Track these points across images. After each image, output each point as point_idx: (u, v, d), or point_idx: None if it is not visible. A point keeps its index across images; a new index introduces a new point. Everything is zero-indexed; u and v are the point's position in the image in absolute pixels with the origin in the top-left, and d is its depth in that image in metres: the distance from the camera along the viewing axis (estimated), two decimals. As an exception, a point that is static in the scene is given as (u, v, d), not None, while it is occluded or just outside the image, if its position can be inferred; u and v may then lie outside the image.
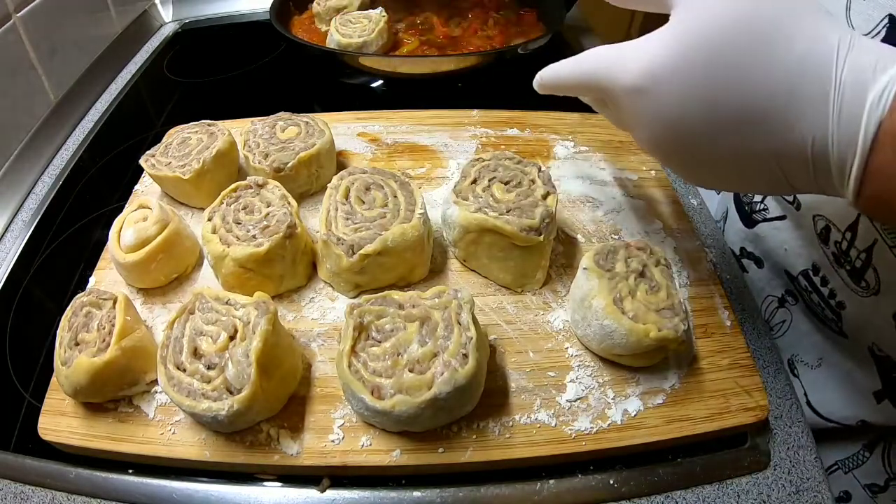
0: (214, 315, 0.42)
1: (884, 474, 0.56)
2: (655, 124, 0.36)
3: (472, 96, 0.76)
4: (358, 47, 0.78)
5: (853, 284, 0.50)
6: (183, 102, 0.86)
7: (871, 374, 0.52)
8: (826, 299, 0.54)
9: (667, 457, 0.44)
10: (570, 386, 0.44)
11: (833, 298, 0.53)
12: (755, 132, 0.32)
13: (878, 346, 0.51)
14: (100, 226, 0.63)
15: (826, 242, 0.52)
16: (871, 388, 0.53)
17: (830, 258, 0.52)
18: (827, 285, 0.54)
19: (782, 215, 0.58)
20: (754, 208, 0.62)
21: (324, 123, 0.59)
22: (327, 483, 0.42)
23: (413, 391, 0.38)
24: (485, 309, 0.49)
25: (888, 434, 0.56)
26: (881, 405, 0.52)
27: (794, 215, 0.56)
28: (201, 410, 0.37)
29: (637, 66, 0.35)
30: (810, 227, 0.53)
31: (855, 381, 0.54)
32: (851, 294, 0.51)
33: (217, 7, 1.08)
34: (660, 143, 0.37)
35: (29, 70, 0.75)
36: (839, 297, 0.53)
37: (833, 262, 0.52)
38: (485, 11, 0.90)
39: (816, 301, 0.56)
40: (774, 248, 0.60)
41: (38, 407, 0.44)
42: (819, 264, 0.54)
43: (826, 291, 0.54)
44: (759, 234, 0.62)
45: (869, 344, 0.51)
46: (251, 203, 0.50)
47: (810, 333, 0.58)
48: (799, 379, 0.59)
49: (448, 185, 0.60)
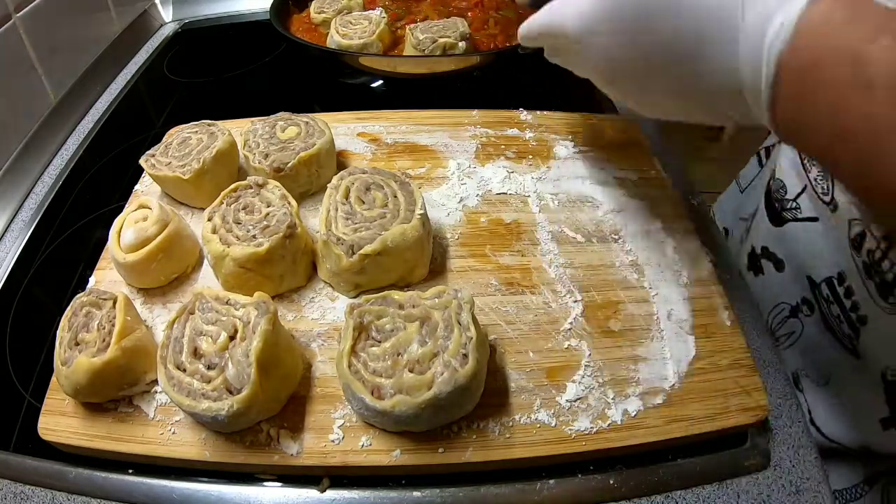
0: (214, 315, 0.42)
1: None
2: (597, 65, 0.41)
3: (472, 96, 0.75)
4: (358, 49, 0.78)
5: (880, 299, 0.49)
6: (183, 102, 0.86)
7: (879, 400, 0.51)
8: (847, 312, 0.53)
9: (667, 457, 0.44)
10: (569, 386, 0.44)
11: (855, 311, 0.52)
12: (681, 69, 0.35)
13: (892, 371, 0.50)
14: (100, 226, 0.63)
15: (858, 250, 0.50)
16: (879, 414, 0.51)
17: (860, 267, 0.50)
18: (851, 297, 0.52)
19: (815, 217, 0.56)
20: (785, 206, 0.60)
21: (324, 123, 0.59)
22: (327, 483, 0.42)
23: (413, 391, 0.38)
24: (485, 309, 0.49)
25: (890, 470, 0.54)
26: (887, 433, 0.51)
27: (827, 217, 0.54)
28: (201, 410, 0.37)
29: (574, 15, 0.40)
30: (844, 231, 0.52)
31: (862, 405, 0.53)
32: (876, 309, 0.50)
33: (217, 7, 1.08)
34: (605, 82, 0.42)
35: (29, 70, 0.75)
36: (862, 311, 0.51)
37: (862, 271, 0.50)
38: (485, 11, 0.90)
39: (836, 313, 0.54)
40: (800, 251, 0.59)
41: (38, 407, 0.44)
42: (846, 273, 0.53)
43: (849, 304, 0.53)
44: (786, 233, 0.60)
45: (882, 368, 0.50)
46: (251, 203, 0.50)
47: (821, 349, 0.57)
48: (803, 394, 0.58)
49: (448, 184, 0.60)
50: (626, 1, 0.36)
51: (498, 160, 0.63)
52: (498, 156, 0.63)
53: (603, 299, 0.50)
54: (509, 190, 0.59)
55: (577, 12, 0.40)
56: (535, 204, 0.58)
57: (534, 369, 0.45)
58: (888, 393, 0.50)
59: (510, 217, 0.57)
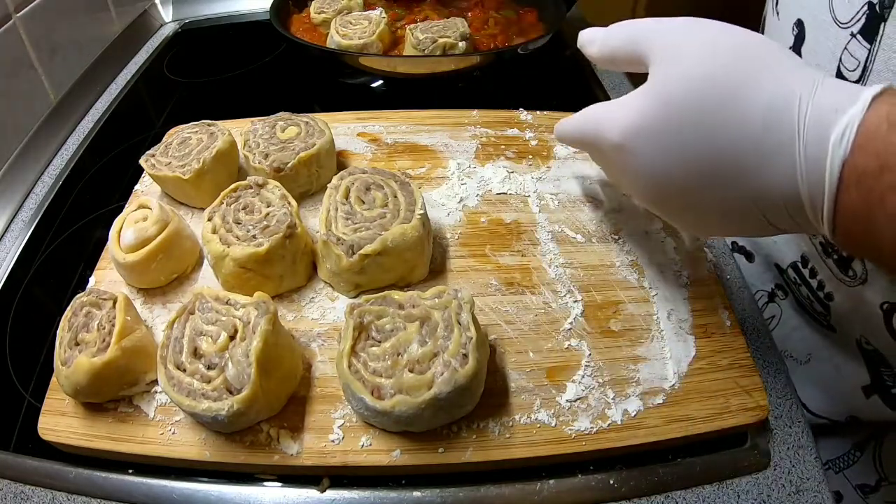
0: (214, 315, 0.42)
1: (875, 475, 0.56)
2: (639, 179, 0.39)
3: (472, 96, 0.76)
4: (358, 49, 0.78)
5: (841, 274, 0.50)
6: (183, 102, 0.86)
7: (859, 369, 0.52)
8: (815, 291, 0.54)
9: (667, 457, 0.44)
10: (569, 386, 0.44)
11: (821, 290, 0.53)
12: (730, 183, 0.34)
13: (865, 339, 0.51)
14: (100, 226, 0.63)
15: None
16: (860, 383, 0.53)
17: (818, 248, 0.52)
18: (815, 277, 0.54)
19: None
20: None
21: (324, 123, 0.59)
22: (327, 483, 0.42)
23: (413, 391, 0.38)
24: (485, 309, 0.49)
25: (878, 433, 0.56)
26: (870, 400, 0.53)
27: None
28: (201, 410, 0.37)
29: (619, 126, 0.38)
30: None
31: (843, 377, 0.54)
32: (839, 285, 0.51)
33: (217, 7, 1.08)
34: (645, 197, 0.40)
35: (29, 70, 0.75)
36: (827, 289, 0.53)
37: (821, 252, 0.52)
38: (485, 11, 0.90)
39: (805, 294, 0.56)
40: (764, 241, 0.61)
41: (38, 407, 0.44)
42: (808, 255, 0.55)
43: (815, 283, 0.54)
44: None
45: (857, 337, 0.52)
46: (251, 203, 0.50)
47: (799, 328, 0.58)
48: None
49: (448, 184, 0.60)
50: (673, 113, 0.35)
51: (498, 160, 0.63)
52: (498, 156, 0.63)
53: (603, 299, 0.50)
54: (509, 190, 0.59)
55: (619, 123, 0.38)
56: (535, 204, 0.58)
57: (534, 369, 0.45)
58: (867, 361, 0.52)
59: (510, 217, 0.57)
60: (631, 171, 0.39)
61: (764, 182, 0.33)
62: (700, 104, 0.34)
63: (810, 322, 0.57)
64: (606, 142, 0.40)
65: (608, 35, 0.43)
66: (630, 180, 0.41)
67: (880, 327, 0.48)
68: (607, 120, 0.40)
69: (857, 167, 0.29)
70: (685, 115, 0.34)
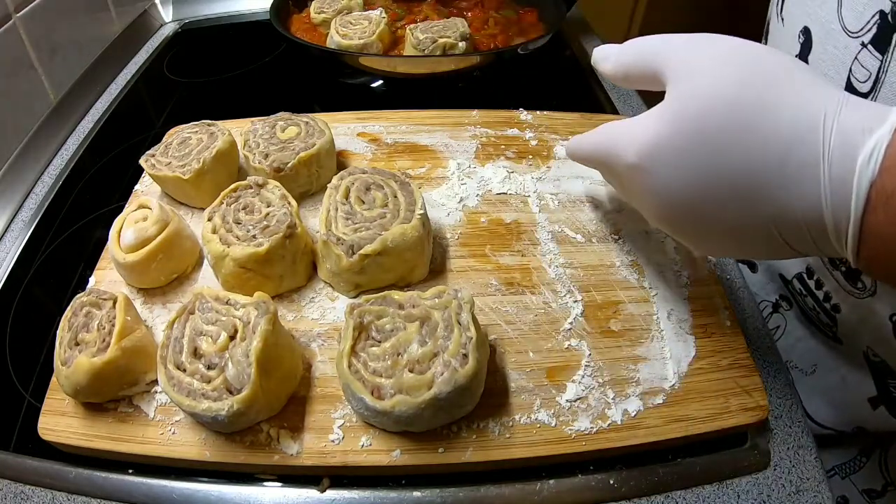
0: (214, 315, 0.42)
1: (881, 479, 0.56)
2: (655, 200, 0.38)
3: (472, 96, 0.76)
4: (358, 49, 0.78)
5: (849, 286, 0.50)
6: (183, 102, 0.86)
7: (865, 381, 0.52)
8: (821, 303, 0.54)
9: (667, 457, 0.44)
10: (569, 386, 0.44)
11: (828, 302, 0.53)
12: (749, 204, 0.33)
13: (872, 351, 0.50)
14: (100, 226, 0.63)
15: None
16: (867, 394, 0.52)
17: (825, 260, 0.52)
18: (822, 288, 0.53)
19: None
20: None
21: (324, 123, 0.59)
22: (327, 483, 0.42)
23: (413, 391, 0.38)
24: (485, 309, 0.49)
25: (884, 440, 0.55)
26: (877, 411, 0.52)
27: None
28: (201, 410, 0.37)
29: (636, 145, 0.37)
30: None
31: (850, 388, 0.54)
32: (847, 296, 0.50)
33: (217, 7, 1.08)
34: (661, 217, 0.39)
35: (29, 70, 0.75)
36: (834, 300, 0.52)
37: (828, 263, 0.51)
38: (485, 11, 0.90)
39: (811, 305, 0.55)
40: None
41: (38, 407, 0.44)
42: (813, 267, 0.54)
43: (821, 295, 0.54)
44: None
45: (864, 349, 0.51)
46: (251, 203, 0.50)
47: (804, 339, 0.58)
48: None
49: (448, 184, 0.60)
50: (693, 133, 0.34)
51: (498, 160, 0.63)
52: (498, 156, 0.63)
53: (603, 299, 0.50)
54: (509, 190, 0.59)
55: (636, 142, 0.37)
56: (535, 204, 0.58)
57: (534, 369, 0.45)
58: (874, 372, 0.51)
59: (510, 217, 0.57)
60: (646, 190, 0.38)
61: (785, 203, 0.31)
62: (720, 124, 0.33)
63: (816, 333, 0.56)
64: (622, 161, 0.39)
65: (622, 52, 0.42)
66: (645, 200, 0.39)
67: (889, 339, 0.48)
68: (623, 139, 0.39)
69: (885, 189, 0.28)
70: (705, 136, 0.33)
